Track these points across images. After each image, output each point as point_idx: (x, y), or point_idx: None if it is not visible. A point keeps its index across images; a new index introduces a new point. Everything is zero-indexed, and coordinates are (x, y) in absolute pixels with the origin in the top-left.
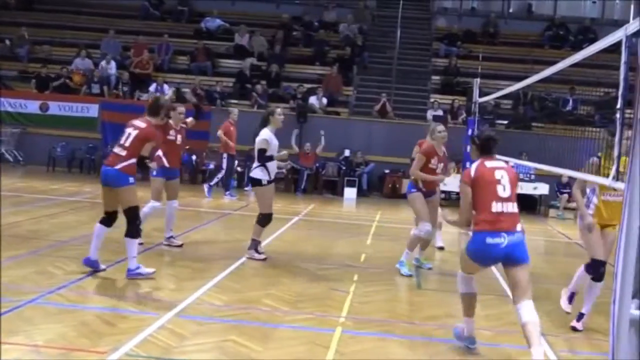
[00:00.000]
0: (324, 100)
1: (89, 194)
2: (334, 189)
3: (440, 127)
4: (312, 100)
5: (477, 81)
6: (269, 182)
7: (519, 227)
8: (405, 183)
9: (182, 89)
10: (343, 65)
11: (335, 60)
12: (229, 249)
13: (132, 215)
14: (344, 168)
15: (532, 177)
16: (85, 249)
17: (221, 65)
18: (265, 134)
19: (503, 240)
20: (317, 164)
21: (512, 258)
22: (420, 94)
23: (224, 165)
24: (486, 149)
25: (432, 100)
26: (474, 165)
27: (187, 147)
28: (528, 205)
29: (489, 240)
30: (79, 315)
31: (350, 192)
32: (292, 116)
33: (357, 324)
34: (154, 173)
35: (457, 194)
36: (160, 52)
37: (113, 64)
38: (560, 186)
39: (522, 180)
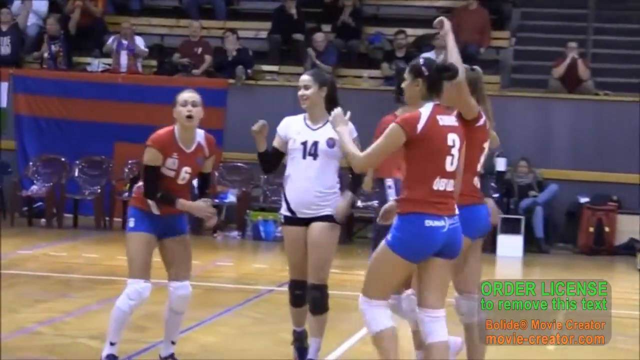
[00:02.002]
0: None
1: None
2: None
3: None
4: None
5: None
6: (287, 219)
7: (457, 210)
8: (623, 221)
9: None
10: None
11: None
12: None
13: None
14: (495, 195)
15: None
16: None
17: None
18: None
19: (444, 224)
20: None
21: (448, 248)
22: None
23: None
24: (438, 85)
25: None
26: (424, 114)
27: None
28: None
29: (429, 222)
30: None
31: (510, 244)
32: (385, 95)
33: None
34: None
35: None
36: None
37: None
38: None
39: None
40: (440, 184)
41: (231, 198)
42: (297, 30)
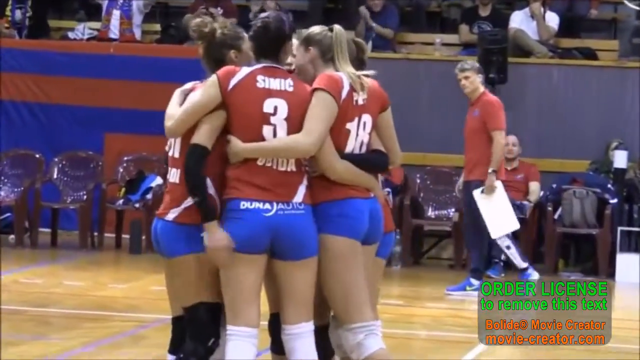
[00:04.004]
0: (552, 21)
1: None
2: (587, 256)
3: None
4: (518, 20)
5: None
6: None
7: (300, 196)
8: None
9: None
10: None
11: None
12: None
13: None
14: (612, 202)
15: None
16: None
17: None
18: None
19: (269, 207)
20: (544, 194)
21: (284, 240)
22: None
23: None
24: (266, 46)
25: None
26: (243, 71)
27: None
28: None
29: (245, 204)
30: None
31: (633, 266)
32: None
33: None
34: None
35: None
36: None
37: None
38: None
39: None
40: (266, 160)
41: None
42: None
